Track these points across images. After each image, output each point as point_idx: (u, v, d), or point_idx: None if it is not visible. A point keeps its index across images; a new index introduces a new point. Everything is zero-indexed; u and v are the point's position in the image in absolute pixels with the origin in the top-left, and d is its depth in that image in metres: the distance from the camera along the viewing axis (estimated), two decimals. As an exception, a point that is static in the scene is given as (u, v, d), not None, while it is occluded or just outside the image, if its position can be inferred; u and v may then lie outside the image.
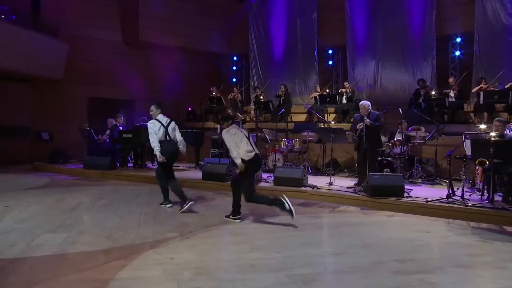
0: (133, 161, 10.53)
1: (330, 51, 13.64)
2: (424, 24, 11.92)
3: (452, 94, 10.58)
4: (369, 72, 12.94)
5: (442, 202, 6.13)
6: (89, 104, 13.13)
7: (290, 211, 4.89)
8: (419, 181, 8.46)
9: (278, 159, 9.95)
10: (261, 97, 13.15)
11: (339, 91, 12.18)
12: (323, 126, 10.74)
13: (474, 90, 10.39)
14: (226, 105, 13.25)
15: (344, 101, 11.99)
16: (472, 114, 10.56)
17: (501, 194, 6.31)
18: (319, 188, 7.39)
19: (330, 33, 13.53)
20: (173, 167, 10.42)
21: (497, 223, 5.41)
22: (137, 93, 13.73)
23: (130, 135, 9.73)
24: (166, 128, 6.04)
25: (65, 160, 10.90)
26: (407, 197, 6.57)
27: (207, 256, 3.75)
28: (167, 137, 6.02)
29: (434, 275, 3.38)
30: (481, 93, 9.57)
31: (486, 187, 6.38)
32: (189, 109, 14.63)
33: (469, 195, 6.59)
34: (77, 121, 12.40)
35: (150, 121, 6.03)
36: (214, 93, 13.62)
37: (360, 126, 7.61)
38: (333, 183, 7.72)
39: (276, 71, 14.48)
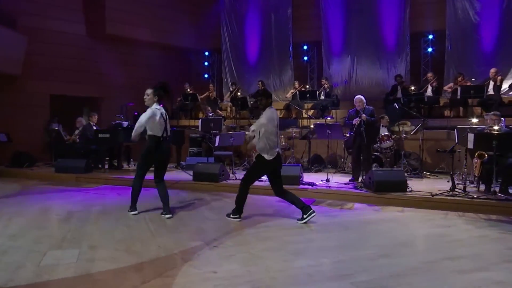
0: (107, 162, 9.82)
1: (305, 47, 13.56)
2: (398, 21, 12.16)
3: (429, 89, 10.89)
4: (344, 68, 13.02)
5: (447, 196, 6.20)
6: (51, 102, 12.08)
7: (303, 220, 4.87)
8: (406, 175, 8.58)
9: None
10: (238, 94, 12.82)
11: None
12: (319, 122, 10.46)
13: (447, 86, 10.75)
14: (204, 102, 12.81)
15: (322, 96, 11.96)
16: (447, 109, 10.95)
17: (497, 186, 6.49)
18: (318, 186, 7.25)
19: (305, 29, 13.45)
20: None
21: (506, 214, 5.53)
22: (103, 90, 12.89)
23: (108, 135, 9.03)
24: (166, 121, 5.28)
25: (31, 164, 9.93)
26: (410, 191, 6.59)
27: (252, 267, 3.42)
28: (165, 133, 5.26)
29: (495, 273, 3.30)
30: (459, 88, 9.91)
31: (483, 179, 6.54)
32: (161, 105, 13.88)
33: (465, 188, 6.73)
34: (38, 120, 11.40)
35: (150, 109, 5.18)
36: (188, 90, 13.09)
37: (356, 121, 7.56)
38: (329, 180, 7.63)
39: (250, 67, 14.21)
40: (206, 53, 14.69)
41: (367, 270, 3.33)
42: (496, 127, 6.15)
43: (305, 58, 13.65)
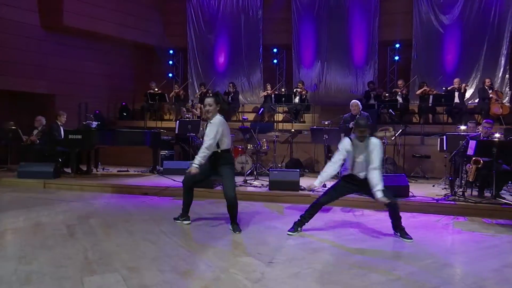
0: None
1: (275, 50, 13.45)
2: (368, 29, 12.52)
3: (400, 95, 11.32)
4: (314, 73, 13.13)
5: (449, 201, 6.40)
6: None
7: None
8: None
9: (247, 160, 9.41)
10: (208, 95, 12.32)
11: (294, 90, 12.05)
12: (315, 127, 10.17)
13: (418, 92, 11.25)
14: (174, 103, 12.16)
15: (296, 101, 11.92)
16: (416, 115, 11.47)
17: (488, 191, 6.82)
18: (318, 192, 7.10)
19: (275, 32, 13.34)
20: (123, 172, 9.21)
21: (508, 217, 5.81)
22: (57, 86, 11.70)
23: (80, 136, 8.13)
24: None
25: (-16, 169, 8.66)
26: (412, 196, 6.71)
27: (333, 285, 3.15)
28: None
29: None
30: (431, 96, 10.41)
31: (477, 184, 6.86)
32: (123, 104, 12.99)
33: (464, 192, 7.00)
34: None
35: (217, 119, 4.61)
36: (154, 89, 12.34)
37: (352, 124, 7.56)
38: (326, 185, 7.54)
39: (218, 68, 13.79)
40: (171, 52, 13.98)
41: (449, 282, 3.22)
42: (497, 135, 6.46)
43: (275, 61, 13.55)
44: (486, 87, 10.49)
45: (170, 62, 14.13)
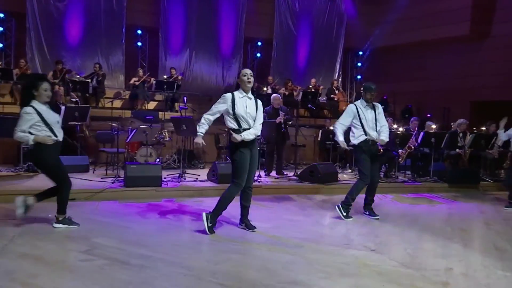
0: None
1: (139, 31, 12.30)
2: (235, 24, 13.02)
3: (270, 91, 12.32)
4: (181, 61, 12.77)
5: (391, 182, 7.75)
6: None
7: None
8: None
9: (150, 153, 8.51)
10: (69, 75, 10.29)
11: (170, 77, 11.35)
12: (176, 116, 9.77)
13: (281, 90, 12.53)
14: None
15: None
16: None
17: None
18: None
19: (141, 12, 12.24)
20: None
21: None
22: None
23: None
24: None
25: None
26: (340, 181, 7.67)
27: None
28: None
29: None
30: (301, 93, 11.83)
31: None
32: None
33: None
34: None
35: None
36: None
37: (279, 119, 7.97)
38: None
39: (69, 42, 11.57)
40: (1, 15, 10.81)
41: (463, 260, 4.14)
42: (434, 126, 8.22)
43: (139, 44, 12.40)
44: (334, 88, 12.69)
45: (0, 29, 10.95)
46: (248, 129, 4.24)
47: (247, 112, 4.25)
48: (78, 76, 10.27)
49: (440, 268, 3.46)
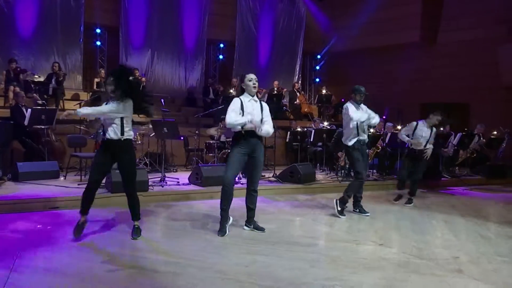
0: None
1: (98, 30, 11.75)
2: (198, 26, 12.86)
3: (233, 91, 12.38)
4: (142, 61, 12.37)
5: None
6: None
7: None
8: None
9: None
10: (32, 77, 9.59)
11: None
12: (157, 119, 9.34)
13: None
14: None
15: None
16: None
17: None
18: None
19: (100, 10, 11.63)
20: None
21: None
22: None
23: None
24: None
25: None
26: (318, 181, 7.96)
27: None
28: None
29: None
30: (266, 95, 12.01)
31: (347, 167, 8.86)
32: None
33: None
34: None
35: None
36: None
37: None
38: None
39: (20, 37, 10.72)
40: None
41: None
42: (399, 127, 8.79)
43: (98, 43, 11.85)
44: (295, 90, 13.06)
45: None
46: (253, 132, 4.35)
47: (254, 115, 4.36)
48: (36, 76, 9.61)
49: (448, 258, 3.78)
